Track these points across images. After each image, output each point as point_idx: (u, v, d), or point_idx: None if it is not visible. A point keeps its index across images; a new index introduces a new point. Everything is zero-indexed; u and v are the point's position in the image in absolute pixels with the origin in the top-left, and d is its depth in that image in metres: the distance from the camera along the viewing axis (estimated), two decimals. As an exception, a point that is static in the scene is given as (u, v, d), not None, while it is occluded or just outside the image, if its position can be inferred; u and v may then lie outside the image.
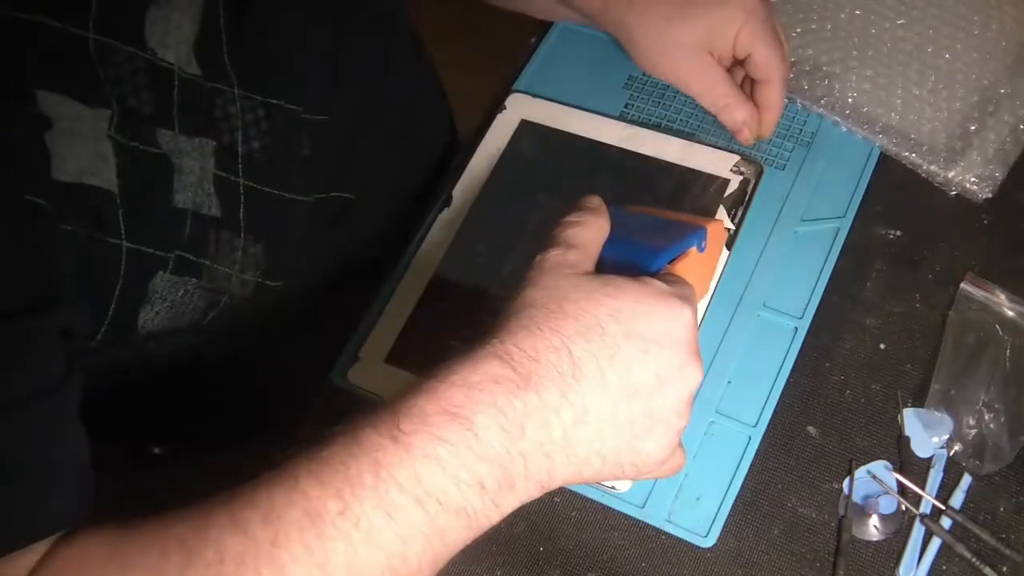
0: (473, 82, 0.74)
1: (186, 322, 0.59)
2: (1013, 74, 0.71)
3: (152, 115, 0.52)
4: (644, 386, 0.46)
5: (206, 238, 0.56)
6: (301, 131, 0.61)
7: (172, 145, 0.53)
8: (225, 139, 0.56)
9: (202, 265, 0.56)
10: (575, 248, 0.49)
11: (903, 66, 0.72)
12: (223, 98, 0.55)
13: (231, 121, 0.56)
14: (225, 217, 0.57)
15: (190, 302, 0.57)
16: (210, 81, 0.54)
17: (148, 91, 0.51)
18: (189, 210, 0.55)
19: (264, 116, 0.57)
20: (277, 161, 0.59)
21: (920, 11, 0.74)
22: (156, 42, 0.51)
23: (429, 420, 0.42)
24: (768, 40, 0.66)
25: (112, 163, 0.50)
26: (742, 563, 0.57)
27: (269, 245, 0.60)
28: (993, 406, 0.60)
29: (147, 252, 0.53)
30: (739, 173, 0.69)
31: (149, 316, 0.55)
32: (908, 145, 0.69)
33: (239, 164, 0.57)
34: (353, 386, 0.64)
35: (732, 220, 0.68)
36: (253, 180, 0.58)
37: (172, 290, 0.56)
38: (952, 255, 0.66)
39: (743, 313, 0.65)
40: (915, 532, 0.57)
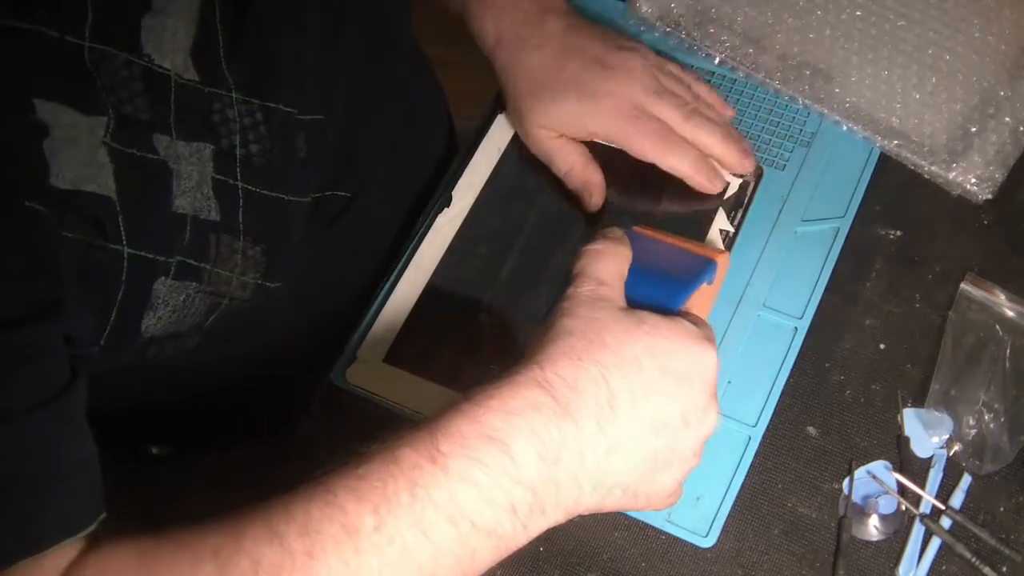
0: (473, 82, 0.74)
1: (187, 326, 0.59)
2: (1013, 77, 0.71)
3: (149, 121, 0.51)
4: (671, 422, 0.47)
5: (206, 242, 0.56)
6: (298, 132, 0.60)
7: (170, 151, 0.53)
8: (223, 143, 0.56)
9: (203, 269, 0.56)
10: (606, 284, 0.50)
11: (903, 67, 0.72)
12: (221, 103, 0.55)
13: (229, 125, 0.56)
14: (224, 221, 0.57)
15: (192, 306, 0.57)
16: (208, 86, 0.54)
17: (144, 97, 0.51)
18: (189, 215, 0.54)
19: (262, 120, 0.57)
20: (275, 164, 0.59)
21: (921, 13, 0.74)
22: (152, 48, 0.51)
23: (468, 443, 0.43)
24: (633, 135, 0.67)
25: (109, 170, 0.49)
26: (742, 563, 0.57)
27: (269, 247, 0.60)
28: (993, 406, 0.60)
29: (148, 258, 0.53)
30: (739, 176, 0.69)
31: (152, 321, 0.55)
32: (909, 146, 0.69)
33: (237, 168, 0.56)
34: (352, 386, 0.64)
35: (732, 223, 0.68)
36: (252, 183, 0.58)
37: (174, 295, 0.56)
38: (952, 255, 0.66)
39: (743, 313, 0.65)
40: (915, 532, 0.57)
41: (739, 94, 0.74)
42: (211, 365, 0.70)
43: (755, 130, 0.72)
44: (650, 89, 0.67)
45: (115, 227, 0.50)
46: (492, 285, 0.68)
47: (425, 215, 0.71)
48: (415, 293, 0.67)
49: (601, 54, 0.68)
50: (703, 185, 0.67)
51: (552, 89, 0.68)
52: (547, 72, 0.68)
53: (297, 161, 0.61)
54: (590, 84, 0.67)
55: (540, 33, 0.69)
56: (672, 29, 0.76)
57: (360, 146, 0.70)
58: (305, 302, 0.71)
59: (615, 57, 0.68)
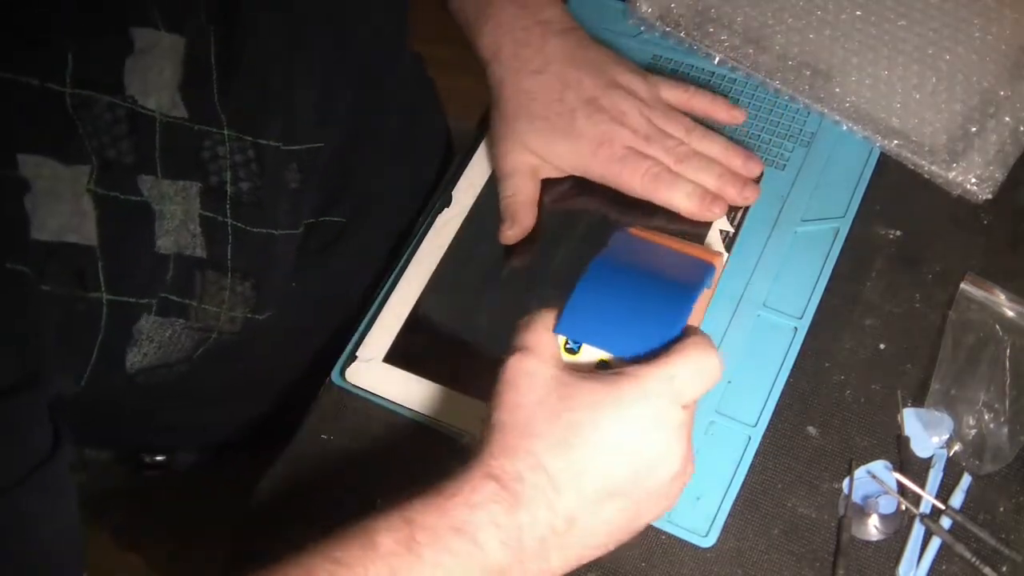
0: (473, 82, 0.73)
1: (175, 358, 0.58)
2: (1013, 77, 0.71)
3: (134, 164, 0.51)
4: (621, 487, 0.47)
5: (191, 279, 0.55)
6: (290, 164, 0.60)
7: (154, 191, 0.52)
8: (212, 180, 0.55)
9: (188, 306, 0.56)
10: (532, 353, 0.49)
11: (904, 67, 0.72)
12: (211, 139, 0.54)
13: (219, 162, 0.55)
14: (211, 258, 0.56)
15: (178, 341, 0.57)
16: (197, 123, 0.53)
17: (129, 140, 0.50)
18: (172, 254, 0.54)
19: (254, 157, 0.56)
20: (266, 200, 0.58)
21: (921, 13, 0.74)
22: (136, 89, 0.50)
23: (439, 534, 0.46)
24: (622, 176, 0.67)
25: (92, 217, 0.49)
26: (742, 563, 0.57)
27: (258, 282, 0.59)
28: (993, 406, 0.60)
29: (129, 302, 0.52)
30: None
31: (137, 358, 0.55)
32: (909, 146, 0.69)
33: (227, 205, 0.56)
34: (352, 385, 0.64)
35: (731, 223, 0.68)
36: (242, 221, 0.57)
37: (159, 331, 0.55)
38: (952, 255, 0.66)
39: (743, 313, 0.65)
40: (915, 532, 0.57)
41: (739, 94, 0.74)
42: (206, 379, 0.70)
43: (755, 130, 0.72)
44: (641, 133, 0.67)
45: (95, 276, 0.50)
46: (492, 285, 0.68)
47: (425, 215, 0.71)
48: (415, 293, 0.67)
49: (596, 94, 0.68)
50: (700, 216, 0.67)
51: (546, 121, 0.68)
52: (543, 103, 0.68)
53: (288, 193, 0.60)
54: (583, 127, 0.67)
55: (539, 57, 0.69)
56: (672, 29, 0.76)
57: (355, 171, 0.69)
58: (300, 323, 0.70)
59: (609, 98, 0.68)
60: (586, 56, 0.69)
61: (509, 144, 0.69)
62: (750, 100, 0.74)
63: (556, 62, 0.68)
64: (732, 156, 0.68)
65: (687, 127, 0.69)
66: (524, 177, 0.69)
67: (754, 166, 0.69)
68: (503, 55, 0.69)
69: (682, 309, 0.50)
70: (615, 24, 0.78)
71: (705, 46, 0.75)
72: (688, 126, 0.69)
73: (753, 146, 0.71)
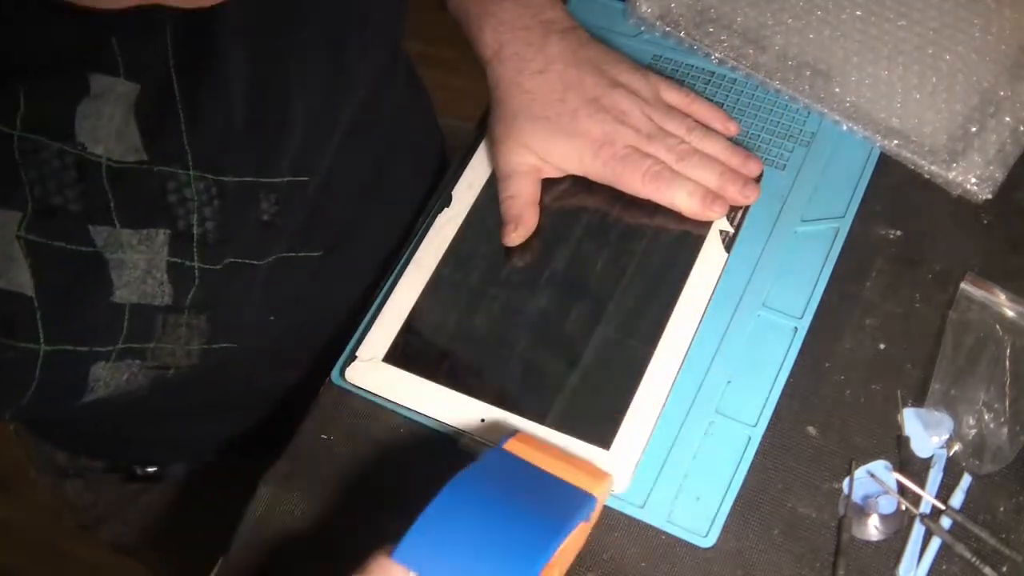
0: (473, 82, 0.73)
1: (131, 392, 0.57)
2: (1013, 77, 0.71)
3: (83, 212, 0.49)
4: None
5: (152, 325, 0.54)
6: (263, 198, 0.58)
7: (111, 240, 0.50)
8: (180, 224, 0.53)
9: (145, 349, 0.55)
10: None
11: (904, 67, 0.72)
12: (176, 181, 0.53)
13: (187, 205, 0.53)
14: (176, 304, 0.55)
15: (135, 381, 0.56)
16: (159, 165, 0.52)
17: (76, 187, 0.49)
18: (129, 304, 0.52)
19: (217, 194, 0.54)
20: (232, 236, 0.56)
21: (921, 13, 0.74)
22: (86, 136, 0.49)
23: None
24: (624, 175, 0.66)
25: (23, 264, 0.47)
26: (742, 563, 0.57)
27: (213, 315, 0.58)
28: (993, 406, 0.60)
29: (77, 351, 0.51)
30: None
31: (88, 398, 0.54)
32: (909, 146, 0.69)
33: (194, 248, 0.54)
34: (351, 385, 0.64)
35: (731, 223, 0.68)
36: (208, 262, 0.55)
37: (115, 375, 0.54)
38: (952, 255, 0.66)
39: (743, 313, 0.65)
40: (915, 532, 0.57)
41: (739, 94, 0.74)
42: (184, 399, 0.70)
43: (755, 130, 0.72)
44: (643, 132, 0.67)
45: (29, 324, 0.48)
46: (492, 285, 0.68)
47: (425, 215, 0.71)
48: (415, 292, 0.67)
49: (598, 93, 0.67)
50: (701, 215, 0.67)
51: (547, 121, 0.67)
52: (545, 103, 0.68)
53: (256, 225, 0.58)
54: (585, 126, 0.67)
55: (541, 56, 0.68)
56: (672, 29, 0.76)
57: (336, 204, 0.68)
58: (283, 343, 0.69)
59: (610, 97, 0.67)
60: (587, 55, 0.69)
61: (509, 144, 0.69)
62: (750, 100, 0.74)
63: (558, 61, 0.68)
64: (732, 155, 0.68)
65: (688, 126, 0.69)
66: (525, 177, 0.69)
67: (754, 165, 0.69)
68: (504, 54, 0.69)
69: (542, 549, 0.45)
70: (615, 24, 0.78)
71: (705, 46, 0.75)
72: (689, 125, 0.69)
73: (753, 146, 0.71)
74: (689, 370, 0.63)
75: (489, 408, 0.62)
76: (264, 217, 0.58)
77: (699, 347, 0.63)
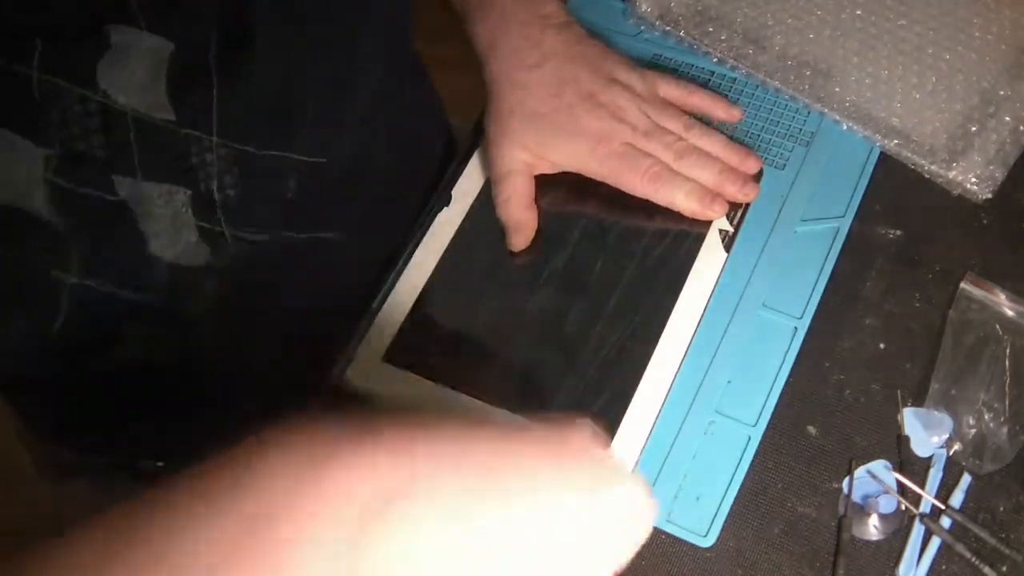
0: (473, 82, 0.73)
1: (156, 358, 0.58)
2: (1012, 76, 0.71)
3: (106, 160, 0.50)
4: None
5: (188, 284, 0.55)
6: (288, 175, 0.59)
7: (134, 192, 0.51)
8: (202, 187, 0.54)
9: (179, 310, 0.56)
10: None
11: (903, 67, 0.72)
12: (199, 146, 0.53)
13: (207, 169, 0.54)
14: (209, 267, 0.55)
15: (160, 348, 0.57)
16: (186, 128, 0.52)
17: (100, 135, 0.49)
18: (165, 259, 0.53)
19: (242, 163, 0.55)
20: (253, 207, 0.57)
21: (920, 12, 0.74)
22: (108, 83, 0.49)
23: None
24: (623, 174, 0.66)
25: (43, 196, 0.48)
26: (742, 563, 0.57)
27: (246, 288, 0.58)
28: (993, 406, 0.60)
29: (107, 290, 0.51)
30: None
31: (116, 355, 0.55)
32: (909, 145, 0.69)
33: (218, 213, 0.55)
34: (351, 385, 0.64)
35: (731, 223, 0.67)
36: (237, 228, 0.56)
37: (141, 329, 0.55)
38: (952, 255, 0.66)
39: (743, 313, 0.65)
40: (915, 532, 0.57)
41: (739, 94, 0.74)
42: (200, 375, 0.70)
43: (755, 129, 0.72)
44: (640, 129, 0.67)
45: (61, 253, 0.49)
46: (492, 284, 0.68)
47: (425, 215, 0.71)
48: (415, 292, 0.67)
49: (595, 89, 0.67)
50: (701, 215, 0.67)
51: (543, 117, 0.67)
52: (540, 99, 0.67)
53: (279, 202, 0.59)
54: (581, 123, 0.66)
55: (537, 51, 0.68)
56: (672, 28, 0.76)
57: (356, 187, 0.68)
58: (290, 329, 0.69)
59: (607, 94, 0.67)
60: (584, 51, 0.69)
61: (505, 142, 0.68)
62: (750, 100, 0.73)
63: (553, 57, 0.68)
64: (731, 153, 0.68)
65: (685, 124, 0.68)
66: (520, 177, 0.68)
67: (753, 163, 0.68)
68: (500, 49, 0.69)
69: None
70: (615, 24, 0.78)
71: (705, 45, 0.75)
72: (686, 123, 0.68)
73: (753, 146, 0.71)
74: (689, 370, 0.62)
75: (488, 408, 0.62)
76: (288, 194, 0.59)
77: (699, 347, 0.63)
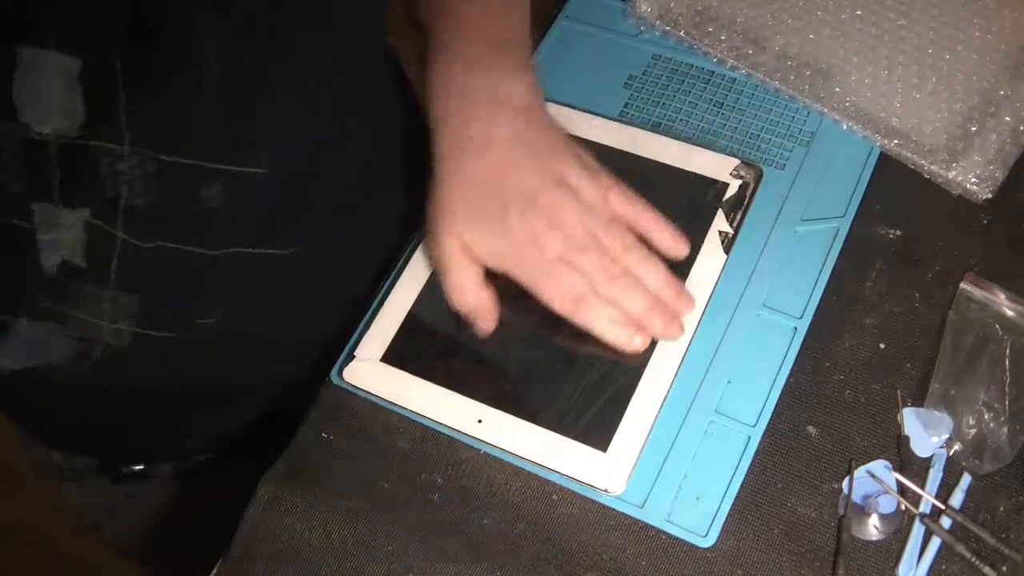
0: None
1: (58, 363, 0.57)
2: (1012, 76, 0.71)
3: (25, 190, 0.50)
4: None
5: (66, 286, 0.54)
6: (206, 183, 0.57)
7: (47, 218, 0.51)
8: (108, 193, 0.53)
9: (64, 313, 0.55)
10: None
11: (903, 67, 0.72)
12: (111, 156, 0.52)
13: (118, 178, 0.53)
14: (90, 267, 0.54)
15: (54, 345, 0.55)
16: (96, 140, 0.52)
17: (23, 167, 0.49)
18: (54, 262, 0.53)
19: (154, 172, 0.54)
20: (167, 215, 0.56)
21: (920, 12, 0.74)
22: (30, 115, 0.48)
23: None
24: (545, 288, 0.61)
25: None
26: (742, 563, 0.57)
27: (145, 296, 0.57)
28: (993, 406, 0.60)
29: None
30: (739, 177, 0.69)
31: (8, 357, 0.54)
32: (909, 145, 0.69)
33: (118, 217, 0.54)
34: (349, 385, 0.64)
35: (731, 224, 0.67)
36: (133, 236, 0.55)
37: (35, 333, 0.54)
38: (952, 255, 0.66)
39: (743, 313, 0.64)
40: (915, 532, 0.57)
41: (739, 93, 0.74)
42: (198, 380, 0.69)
43: (755, 129, 0.72)
44: (574, 242, 0.61)
45: None
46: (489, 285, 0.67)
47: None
48: (413, 293, 0.67)
49: (537, 190, 0.61)
50: (620, 348, 0.62)
51: (478, 210, 0.61)
52: (477, 191, 0.61)
53: (202, 212, 0.57)
54: (512, 225, 0.61)
55: (485, 139, 0.62)
56: (672, 28, 0.76)
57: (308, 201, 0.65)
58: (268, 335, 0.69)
59: (548, 196, 0.61)
60: (536, 142, 0.63)
61: (439, 230, 0.62)
62: (750, 99, 0.73)
63: (502, 147, 0.61)
64: (666, 286, 0.63)
65: (626, 243, 0.62)
66: (463, 268, 0.62)
67: (685, 301, 0.63)
68: (450, 130, 0.62)
69: None
70: (615, 24, 0.78)
71: (705, 45, 0.75)
72: (627, 243, 0.62)
73: (753, 145, 0.71)
74: (689, 370, 0.62)
75: (486, 409, 0.62)
76: (210, 204, 0.56)
77: (699, 347, 0.63)
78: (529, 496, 0.60)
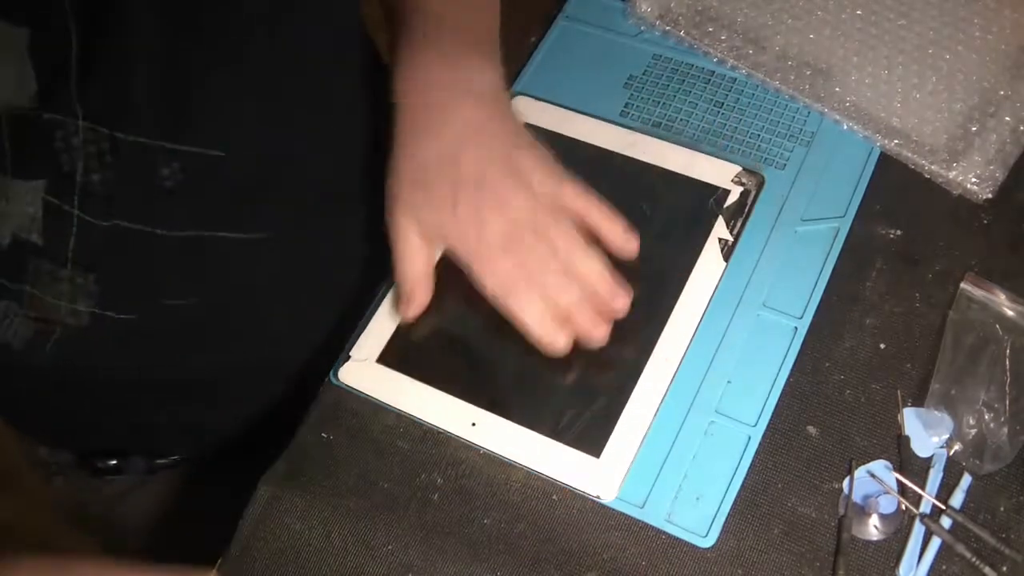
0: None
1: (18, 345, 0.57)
2: (1013, 76, 0.71)
3: None
4: None
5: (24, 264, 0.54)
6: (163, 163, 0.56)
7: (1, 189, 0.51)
8: (64, 168, 0.53)
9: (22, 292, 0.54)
10: None
11: (903, 67, 0.72)
12: (65, 130, 0.52)
13: (72, 153, 0.53)
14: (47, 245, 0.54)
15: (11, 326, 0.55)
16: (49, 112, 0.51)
17: None
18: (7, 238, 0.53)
19: (109, 149, 0.54)
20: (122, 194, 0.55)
21: (921, 12, 0.74)
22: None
23: None
24: (479, 270, 0.60)
25: None
26: (742, 563, 0.57)
27: (103, 279, 0.57)
28: (993, 406, 0.60)
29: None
30: (740, 184, 0.69)
31: None
32: (909, 145, 0.69)
33: (75, 195, 0.54)
34: (345, 385, 0.64)
35: (731, 232, 0.67)
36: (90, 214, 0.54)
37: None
38: (952, 255, 0.66)
39: (743, 313, 0.64)
40: (915, 532, 0.57)
41: (739, 93, 0.74)
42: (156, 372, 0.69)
43: (755, 129, 0.72)
44: (516, 228, 0.60)
45: None
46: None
47: None
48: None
49: (488, 173, 0.61)
50: (540, 343, 0.60)
51: (429, 191, 0.61)
52: (430, 172, 0.61)
53: (158, 192, 0.57)
54: (461, 203, 0.60)
55: (441, 120, 0.62)
56: (672, 28, 0.76)
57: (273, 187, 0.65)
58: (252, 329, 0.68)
59: (499, 180, 0.61)
60: (494, 130, 0.62)
61: (395, 209, 0.62)
62: (750, 99, 0.73)
63: (458, 129, 0.62)
64: (602, 282, 0.61)
65: (570, 240, 0.61)
66: (412, 247, 0.62)
67: (621, 301, 0.61)
68: (408, 109, 0.63)
69: None
70: (615, 24, 0.78)
71: (705, 45, 0.75)
72: (571, 240, 0.61)
73: (753, 145, 0.71)
74: (688, 370, 0.62)
75: (480, 412, 0.62)
76: (167, 184, 0.56)
77: (699, 347, 0.63)
78: (529, 496, 0.60)
